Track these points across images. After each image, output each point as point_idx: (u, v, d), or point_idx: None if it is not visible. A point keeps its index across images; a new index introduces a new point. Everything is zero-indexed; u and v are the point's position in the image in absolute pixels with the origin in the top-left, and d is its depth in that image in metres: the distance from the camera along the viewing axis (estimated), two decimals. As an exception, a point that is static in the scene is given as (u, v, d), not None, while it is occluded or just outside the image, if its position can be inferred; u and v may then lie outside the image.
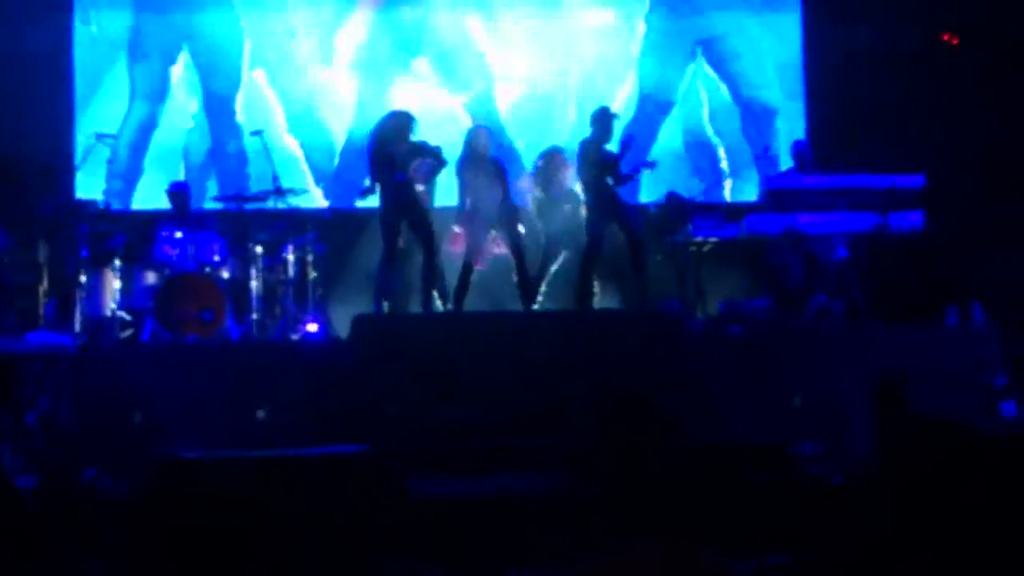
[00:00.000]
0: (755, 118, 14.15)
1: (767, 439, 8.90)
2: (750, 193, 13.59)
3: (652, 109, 14.03)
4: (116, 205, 13.23)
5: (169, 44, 13.90)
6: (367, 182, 11.44)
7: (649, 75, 14.08)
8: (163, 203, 12.39)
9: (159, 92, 13.88)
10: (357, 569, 3.29)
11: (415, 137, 11.40)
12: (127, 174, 13.75)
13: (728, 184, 13.92)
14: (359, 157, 12.50)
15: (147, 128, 13.85)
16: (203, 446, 7.64)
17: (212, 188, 13.50)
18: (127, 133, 13.74)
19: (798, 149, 12.57)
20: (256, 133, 12.58)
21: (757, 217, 11.66)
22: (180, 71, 13.90)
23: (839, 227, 11.65)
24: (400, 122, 11.42)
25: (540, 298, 11.80)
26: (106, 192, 13.52)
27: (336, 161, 13.91)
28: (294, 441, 8.26)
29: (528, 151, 13.22)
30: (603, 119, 11.63)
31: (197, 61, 13.90)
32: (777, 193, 11.73)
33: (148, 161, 13.77)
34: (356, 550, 5.13)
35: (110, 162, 13.44)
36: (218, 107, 13.92)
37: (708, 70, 14.17)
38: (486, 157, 11.57)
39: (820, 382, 10.04)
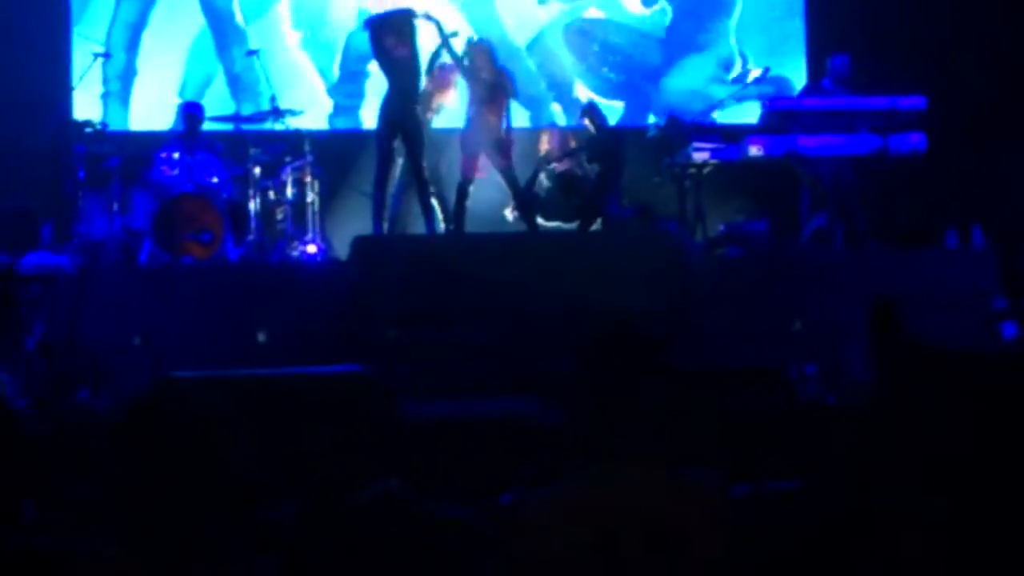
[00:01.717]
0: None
1: (765, 362, 8.90)
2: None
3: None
4: (115, 109, 13.26)
5: None
6: None
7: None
8: (162, 117, 12.31)
9: None
10: (342, 488, 3.27)
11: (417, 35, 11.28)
12: (123, 74, 13.67)
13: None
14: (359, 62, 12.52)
15: (136, 26, 13.72)
16: (202, 368, 7.63)
17: (223, 104, 13.38)
18: (116, 32, 13.64)
19: (841, 65, 12.28)
20: (251, 53, 12.52)
21: (757, 139, 11.58)
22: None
23: (840, 150, 11.57)
24: (395, 22, 11.24)
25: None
26: (104, 95, 13.48)
27: (336, 71, 13.85)
28: (294, 363, 8.25)
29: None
30: None
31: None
32: (777, 115, 11.65)
33: (148, 68, 13.67)
34: (344, 471, 5.14)
35: (105, 63, 13.27)
36: (217, 16, 13.84)
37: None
38: (484, 75, 11.44)
39: (818, 305, 10.02)
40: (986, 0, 13.24)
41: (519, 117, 12.75)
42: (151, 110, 13.21)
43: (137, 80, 13.72)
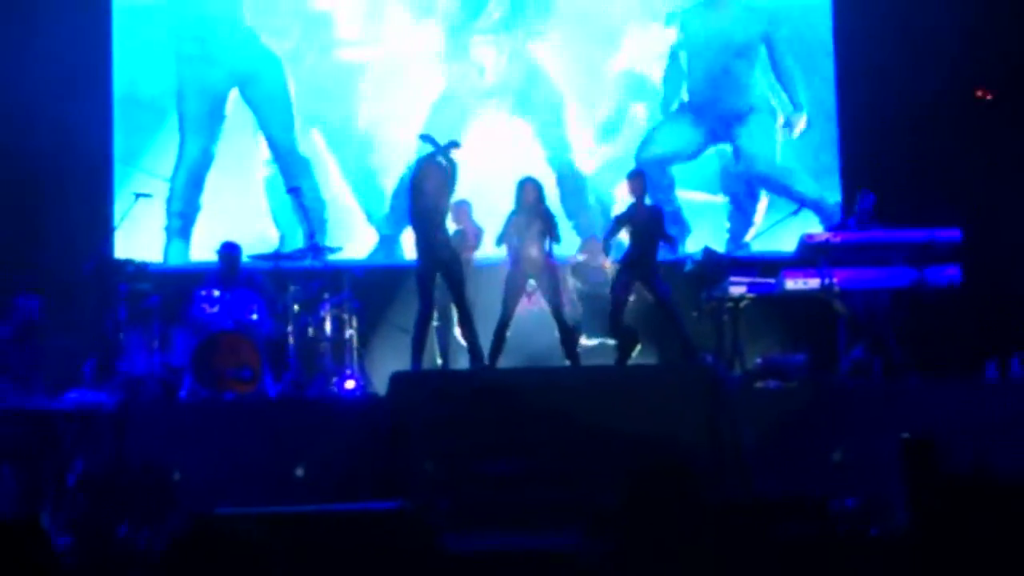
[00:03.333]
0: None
1: (805, 494, 8.86)
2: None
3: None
4: (176, 244, 13.69)
5: (219, 83, 14.20)
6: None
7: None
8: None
9: (211, 128, 14.15)
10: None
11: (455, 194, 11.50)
12: (184, 210, 14.00)
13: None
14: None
15: (201, 165, 14.08)
16: (241, 504, 7.66)
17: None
18: (182, 172, 14.05)
19: (861, 202, 12.43)
20: (292, 191, 12.70)
21: (794, 272, 11.63)
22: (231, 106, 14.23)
23: (876, 283, 11.63)
24: (440, 174, 11.43)
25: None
26: (167, 228, 13.89)
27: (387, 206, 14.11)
28: (332, 499, 8.26)
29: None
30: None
31: (251, 104, 14.23)
32: (813, 248, 11.70)
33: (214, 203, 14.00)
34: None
35: (168, 201, 13.79)
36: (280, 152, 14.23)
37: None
38: (533, 210, 11.60)
39: (858, 437, 9.99)
40: (1017, 133, 13.32)
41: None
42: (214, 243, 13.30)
43: (201, 215, 14.08)
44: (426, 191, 11.25)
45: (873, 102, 13.80)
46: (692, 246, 13.53)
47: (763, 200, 14.33)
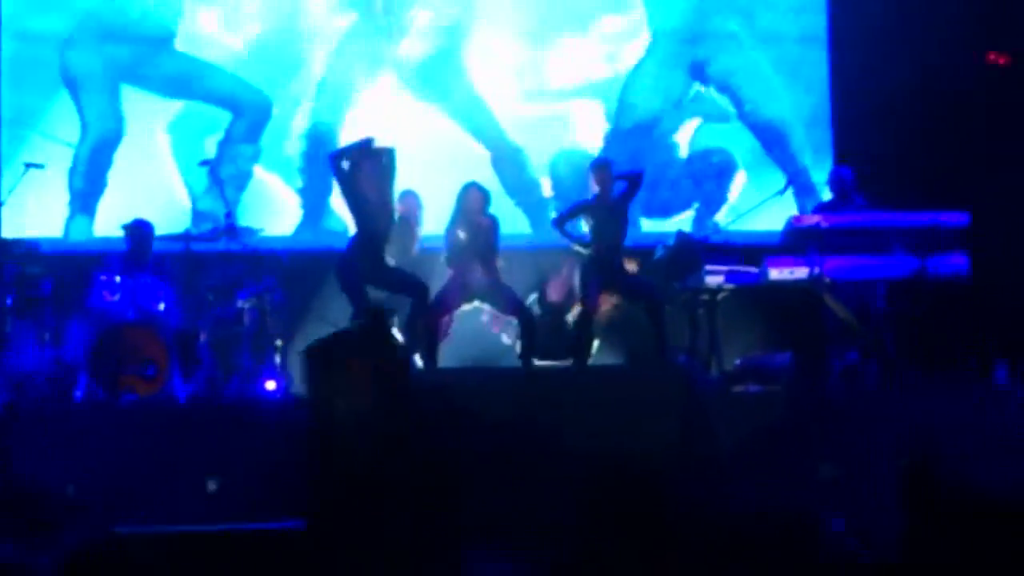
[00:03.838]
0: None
1: (788, 512, 8.91)
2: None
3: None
4: (79, 220, 13.66)
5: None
6: None
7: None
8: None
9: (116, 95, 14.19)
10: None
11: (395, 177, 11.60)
12: (88, 191, 14.09)
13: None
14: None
15: (110, 137, 14.13)
16: (144, 522, 7.64)
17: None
18: (85, 147, 14.11)
19: (839, 177, 12.60)
20: (205, 164, 12.69)
21: (779, 260, 11.68)
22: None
23: (872, 273, 11.71)
24: (378, 160, 11.53)
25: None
26: (70, 204, 13.91)
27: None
28: (251, 516, 8.25)
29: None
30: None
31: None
32: (801, 233, 11.76)
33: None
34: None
35: (70, 175, 13.94)
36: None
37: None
38: (477, 223, 11.71)
39: (849, 450, 10.06)
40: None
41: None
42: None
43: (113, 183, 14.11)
44: (358, 188, 11.43)
45: (872, 67, 13.87)
46: (650, 226, 13.66)
47: (740, 174, 14.41)
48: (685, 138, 14.59)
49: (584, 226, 11.95)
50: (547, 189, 14.27)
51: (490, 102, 14.35)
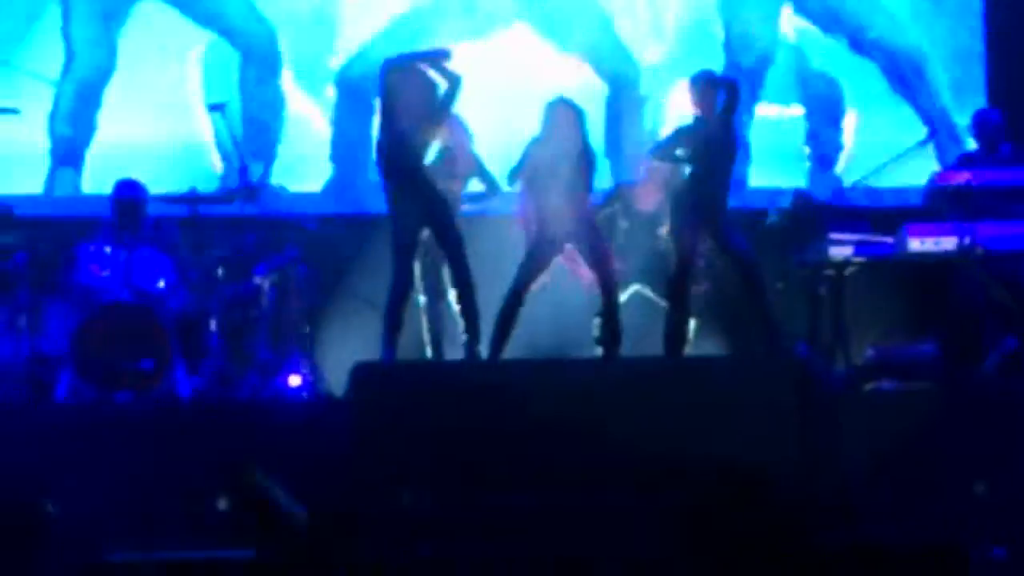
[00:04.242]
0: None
1: (933, 538, 8.88)
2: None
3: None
4: (63, 175, 13.81)
5: None
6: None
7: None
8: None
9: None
10: None
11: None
12: (73, 136, 14.15)
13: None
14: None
15: (98, 71, 14.17)
16: (141, 548, 7.67)
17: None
18: (69, 82, 14.19)
19: (984, 121, 12.50)
20: (216, 108, 12.69)
21: (921, 227, 11.63)
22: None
23: (1036, 241, 11.67)
24: (424, 89, 11.45)
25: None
26: (51, 152, 14.01)
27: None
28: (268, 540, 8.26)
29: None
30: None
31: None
32: (948, 193, 11.70)
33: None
34: None
35: (52, 118, 14.00)
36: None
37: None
38: (567, 145, 11.63)
39: (1009, 461, 10.01)
40: None
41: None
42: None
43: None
44: (400, 111, 11.26)
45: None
46: (757, 180, 13.59)
47: (850, 114, 14.36)
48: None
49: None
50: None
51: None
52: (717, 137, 11.59)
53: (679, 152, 11.69)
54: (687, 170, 11.67)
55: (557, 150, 11.57)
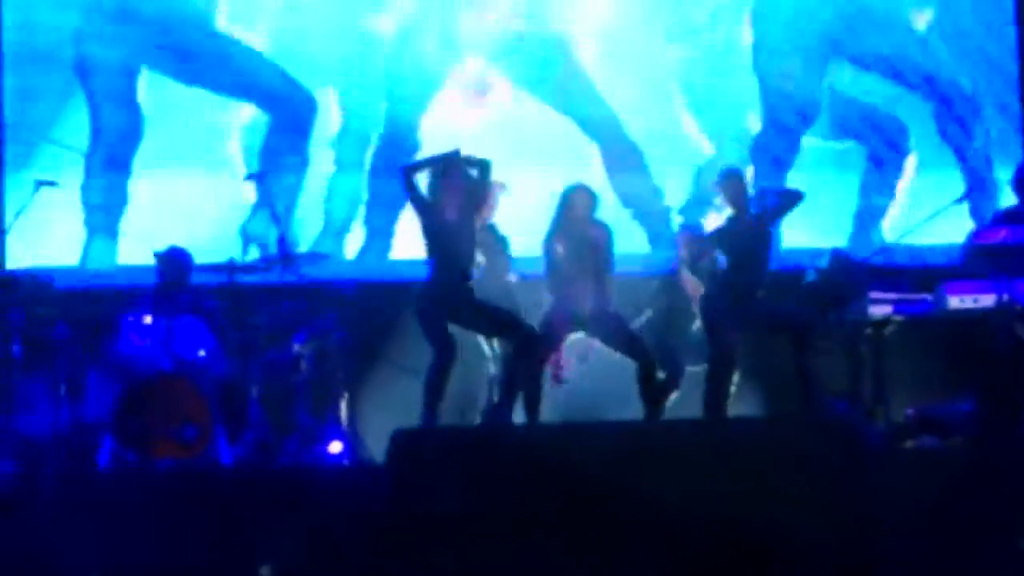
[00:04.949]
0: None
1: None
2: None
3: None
4: (98, 245, 13.78)
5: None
6: None
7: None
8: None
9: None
10: None
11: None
12: (105, 205, 14.28)
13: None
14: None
15: (126, 138, 14.27)
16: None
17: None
18: (100, 150, 14.28)
19: None
20: (252, 177, 12.75)
21: (959, 284, 11.61)
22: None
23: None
24: (463, 174, 11.58)
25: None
26: (86, 223, 14.00)
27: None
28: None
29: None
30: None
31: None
32: (984, 252, 11.68)
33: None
34: None
35: (83, 189, 14.11)
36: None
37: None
38: (585, 232, 11.70)
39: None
40: None
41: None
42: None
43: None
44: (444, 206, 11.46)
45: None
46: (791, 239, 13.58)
47: (911, 157, 14.36)
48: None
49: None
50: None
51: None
52: (758, 238, 11.70)
53: (715, 255, 11.81)
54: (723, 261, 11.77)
55: (577, 237, 11.66)
